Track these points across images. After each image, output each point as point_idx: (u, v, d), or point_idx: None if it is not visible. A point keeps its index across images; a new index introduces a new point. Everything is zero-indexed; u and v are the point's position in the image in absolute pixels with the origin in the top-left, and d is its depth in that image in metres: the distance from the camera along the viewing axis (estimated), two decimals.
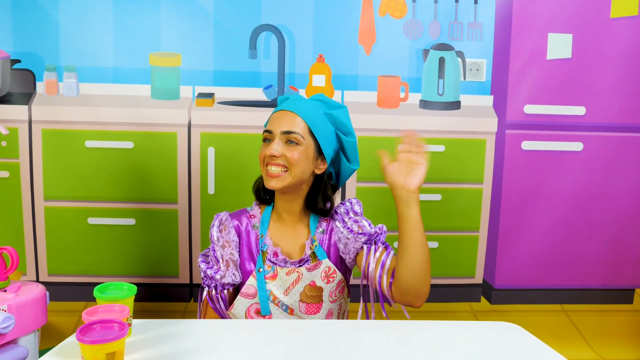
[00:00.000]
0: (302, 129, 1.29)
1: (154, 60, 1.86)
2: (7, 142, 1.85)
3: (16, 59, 1.84)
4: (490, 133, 1.95)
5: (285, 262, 1.32)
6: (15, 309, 1.12)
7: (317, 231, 1.35)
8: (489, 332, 1.15)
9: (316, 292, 1.31)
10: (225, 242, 1.32)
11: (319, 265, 1.31)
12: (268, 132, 1.30)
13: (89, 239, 1.90)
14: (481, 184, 1.96)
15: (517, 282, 2.02)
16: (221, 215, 1.36)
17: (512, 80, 1.92)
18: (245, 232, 1.35)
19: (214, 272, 1.30)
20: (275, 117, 1.31)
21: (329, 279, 1.31)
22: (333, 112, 1.33)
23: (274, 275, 1.31)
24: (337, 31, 1.88)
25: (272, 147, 1.27)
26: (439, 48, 1.91)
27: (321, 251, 1.32)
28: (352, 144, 1.36)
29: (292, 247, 1.34)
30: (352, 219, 1.34)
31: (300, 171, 1.29)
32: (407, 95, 1.93)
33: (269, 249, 1.33)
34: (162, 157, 1.88)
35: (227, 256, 1.32)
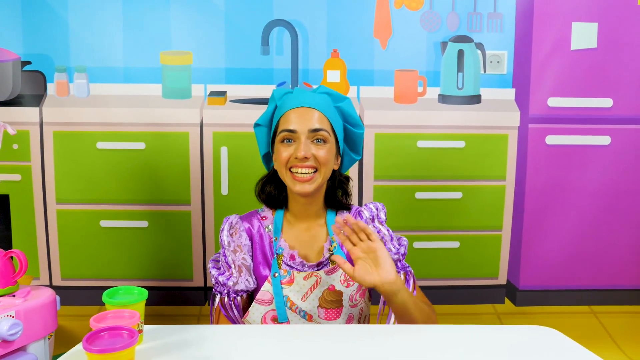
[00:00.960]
0: (326, 125, 1.24)
1: (165, 59, 1.83)
2: (18, 145, 1.84)
3: (27, 61, 1.83)
4: (512, 128, 1.89)
5: (303, 266, 1.26)
6: (24, 315, 1.09)
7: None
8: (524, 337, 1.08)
9: (336, 296, 1.25)
10: (237, 247, 1.26)
11: (338, 269, 1.25)
12: (290, 132, 1.22)
13: (102, 242, 1.88)
14: (504, 180, 1.90)
15: (543, 282, 1.95)
16: (231, 218, 1.29)
17: (535, 72, 1.87)
18: (258, 235, 1.29)
19: (226, 278, 1.25)
20: (296, 115, 1.23)
21: (349, 282, 1.25)
22: (341, 105, 1.28)
23: (290, 280, 1.25)
24: (351, 25, 1.84)
25: (302, 148, 1.19)
26: (457, 40, 1.85)
27: (340, 253, 1.25)
28: (361, 135, 1.31)
29: (310, 250, 1.28)
30: (377, 228, 1.29)
31: (329, 170, 1.25)
32: (425, 89, 1.88)
33: (285, 252, 1.27)
34: (174, 158, 1.85)
35: (239, 261, 1.26)
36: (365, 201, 1.89)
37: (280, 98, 1.29)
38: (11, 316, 1.06)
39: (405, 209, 1.89)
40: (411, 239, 1.91)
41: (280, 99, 1.29)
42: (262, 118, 1.32)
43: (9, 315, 1.06)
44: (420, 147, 1.87)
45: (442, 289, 1.94)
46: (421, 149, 1.87)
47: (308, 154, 1.20)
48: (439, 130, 1.87)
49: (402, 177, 1.88)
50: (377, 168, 1.87)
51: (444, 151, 1.88)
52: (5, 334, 1.03)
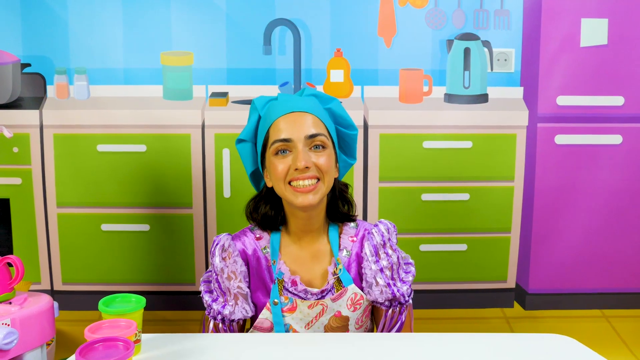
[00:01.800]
0: (323, 129, 1.12)
1: (166, 59, 1.81)
2: (19, 149, 1.82)
3: (26, 63, 1.81)
4: (520, 127, 1.85)
5: (306, 293, 1.15)
6: (19, 323, 1.06)
7: (341, 252, 1.18)
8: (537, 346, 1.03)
9: (342, 322, 1.16)
10: (231, 273, 1.14)
11: (345, 293, 1.15)
12: (284, 142, 1.09)
13: (103, 246, 1.86)
14: (512, 181, 1.87)
15: (553, 286, 1.92)
16: (222, 240, 1.15)
17: (543, 70, 1.83)
18: (254, 258, 1.17)
19: (220, 306, 1.15)
20: (288, 121, 1.10)
21: (356, 306, 1.16)
22: (330, 106, 1.17)
23: (292, 308, 1.14)
24: (355, 23, 1.81)
25: (301, 158, 1.07)
26: (463, 38, 1.82)
27: (347, 276, 1.15)
28: (354, 137, 1.20)
29: (312, 274, 1.17)
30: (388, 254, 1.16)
31: (332, 178, 1.13)
32: (430, 89, 1.84)
33: (286, 277, 1.15)
34: (175, 160, 1.83)
35: (234, 289, 1.14)
36: (371, 204, 1.86)
37: (263, 107, 1.16)
38: (6, 324, 1.04)
39: (411, 211, 1.86)
40: (417, 242, 1.87)
41: (263, 108, 1.16)
42: (244, 132, 1.18)
43: (5, 323, 1.03)
44: (426, 148, 1.84)
45: (449, 292, 1.90)
46: (427, 149, 1.84)
47: (309, 162, 1.08)
48: (445, 131, 1.84)
49: (407, 178, 1.85)
50: (382, 169, 1.84)
51: (450, 152, 1.84)
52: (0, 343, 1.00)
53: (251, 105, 1.19)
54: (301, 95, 1.18)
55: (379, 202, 1.85)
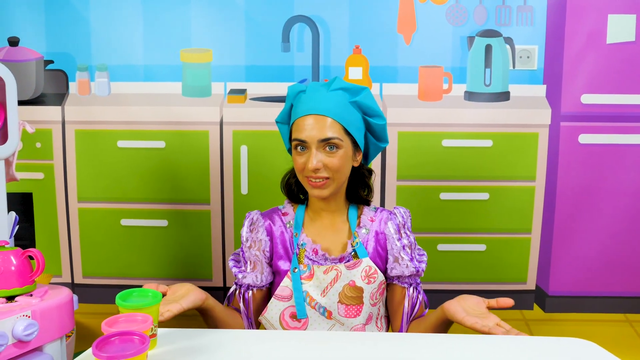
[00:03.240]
0: (338, 131, 1.22)
1: (185, 56, 1.82)
2: (41, 144, 1.85)
3: (49, 60, 1.84)
4: (543, 126, 1.81)
5: (325, 259, 1.26)
6: (40, 315, 1.08)
7: (360, 229, 1.29)
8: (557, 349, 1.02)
9: (356, 292, 1.24)
10: (252, 242, 1.29)
11: (359, 264, 1.25)
12: (300, 141, 1.22)
13: (123, 241, 1.88)
14: (533, 181, 1.83)
15: (574, 288, 1.87)
16: (252, 214, 1.32)
17: (568, 68, 1.78)
18: (278, 232, 1.31)
19: (238, 271, 1.31)
20: (304, 125, 1.21)
21: (370, 279, 1.25)
22: (358, 99, 1.24)
23: (310, 275, 1.25)
24: (374, 20, 1.79)
25: (312, 161, 1.20)
26: (485, 35, 1.78)
27: (362, 249, 1.26)
28: (383, 126, 1.28)
29: (332, 244, 1.28)
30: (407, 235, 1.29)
31: (343, 175, 1.25)
32: (450, 86, 1.81)
33: (308, 247, 1.27)
34: (194, 157, 1.84)
35: (252, 257, 1.29)
36: (388, 202, 1.84)
37: (294, 96, 1.28)
38: (27, 316, 1.06)
39: (429, 210, 1.83)
40: (435, 241, 1.85)
41: (294, 98, 1.28)
42: (280, 116, 1.33)
43: (25, 315, 1.06)
44: (446, 146, 1.81)
45: (467, 293, 1.87)
46: (446, 148, 1.81)
47: (318, 165, 1.21)
48: (465, 129, 1.81)
49: (426, 177, 1.83)
50: (400, 168, 1.82)
51: (470, 150, 1.81)
52: (20, 334, 1.02)
53: (287, 93, 1.30)
54: (329, 88, 1.24)
55: (397, 200, 1.84)
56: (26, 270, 1.13)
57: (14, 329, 1.02)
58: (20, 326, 1.02)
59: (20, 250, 1.14)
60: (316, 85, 1.26)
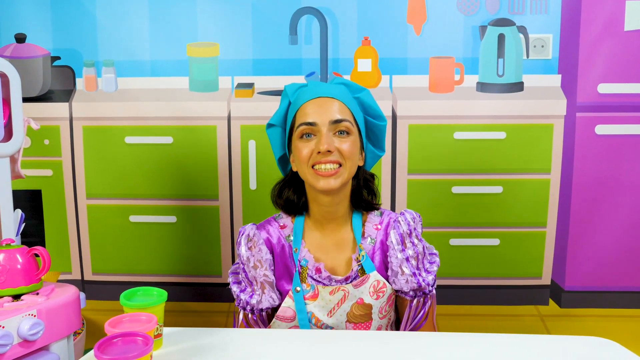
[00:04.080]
0: (349, 116, 1.14)
1: (192, 51, 1.80)
2: (49, 141, 1.85)
3: (56, 56, 1.83)
4: (558, 117, 1.76)
5: (330, 280, 1.16)
6: (46, 314, 1.07)
7: (365, 240, 1.19)
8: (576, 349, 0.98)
9: (365, 310, 1.15)
10: (257, 262, 1.16)
11: (367, 280, 1.15)
12: (309, 125, 1.12)
13: (132, 237, 1.87)
14: (548, 174, 1.78)
15: (591, 283, 1.83)
16: (247, 230, 1.18)
17: (583, 57, 1.73)
18: (279, 247, 1.19)
19: (248, 296, 1.17)
20: (314, 106, 1.13)
21: (379, 294, 1.15)
22: (360, 95, 1.18)
23: (314, 295, 1.15)
24: (383, 10, 1.75)
25: (324, 141, 1.09)
26: (497, 24, 1.74)
27: (369, 263, 1.16)
28: (383, 127, 1.21)
29: (336, 261, 1.18)
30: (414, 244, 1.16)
31: (354, 165, 1.15)
32: (462, 77, 1.77)
33: (310, 265, 1.16)
34: (202, 152, 1.82)
35: (261, 278, 1.16)
36: (399, 197, 1.81)
37: (293, 93, 1.19)
38: (33, 315, 1.05)
39: (441, 204, 1.80)
40: (448, 236, 1.82)
41: (293, 94, 1.19)
42: (275, 117, 1.22)
43: (31, 314, 1.05)
44: (458, 139, 1.77)
45: (481, 288, 1.84)
46: (458, 140, 1.77)
47: (331, 146, 1.10)
48: (478, 121, 1.77)
49: (438, 170, 1.79)
50: (411, 161, 1.79)
51: (483, 143, 1.77)
52: (26, 333, 1.01)
53: (283, 92, 1.21)
54: (331, 83, 1.19)
55: (408, 194, 1.80)
56: (32, 268, 1.11)
57: (19, 329, 1.01)
58: (26, 325, 1.01)
59: (26, 248, 1.13)
60: (317, 81, 1.21)
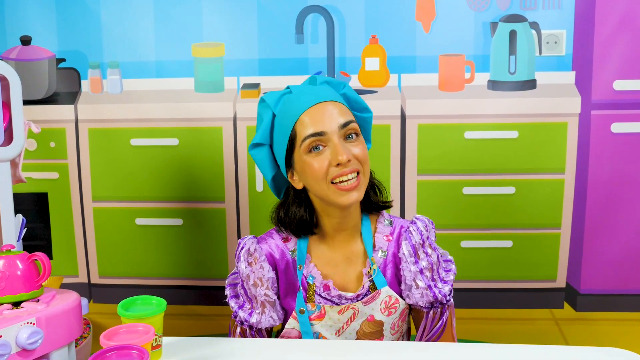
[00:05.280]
0: (351, 115, 1.07)
1: (197, 51, 1.78)
2: (55, 143, 1.84)
3: (61, 58, 1.82)
4: (572, 115, 1.71)
5: (340, 298, 1.08)
6: (45, 322, 1.05)
7: (376, 252, 1.11)
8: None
9: (376, 327, 1.09)
10: (258, 280, 1.08)
11: (378, 296, 1.09)
12: (317, 136, 1.01)
13: (138, 240, 1.85)
14: (562, 173, 1.74)
15: (607, 286, 1.78)
16: (247, 243, 1.10)
17: (598, 53, 1.69)
18: (282, 262, 1.11)
19: (247, 314, 1.11)
20: (316, 114, 1.03)
21: (390, 310, 1.09)
22: (345, 92, 1.10)
23: (320, 315, 1.08)
24: (391, 8, 1.72)
25: (341, 151, 1.00)
26: (509, 20, 1.69)
27: (381, 278, 1.09)
28: (370, 119, 1.13)
29: (347, 277, 1.10)
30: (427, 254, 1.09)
31: (369, 169, 1.08)
32: (472, 75, 1.73)
33: (317, 282, 1.09)
34: (207, 154, 1.80)
35: (261, 297, 1.09)
36: (408, 199, 1.77)
37: (276, 103, 1.08)
38: (32, 323, 1.03)
39: (452, 205, 1.76)
40: (459, 238, 1.78)
41: (277, 105, 1.08)
42: (259, 135, 1.09)
43: (30, 322, 1.03)
44: (468, 139, 1.73)
45: (493, 291, 1.80)
46: (469, 140, 1.73)
47: (350, 155, 1.01)
48: (489, 120, 1.73)
49: (448, 171, 1.75)
50: (420, 162, 1.75)
51: (494, 142, 1.73)
52: (24, 343, 0.99)
53: (260, 104, 1.10)
54: (315, 85, 1.10)
55: (417, 196, 1.77)
56: (32, 274, 1.09)
57: (17, 338, 0.99)
58: (24, 334, 0.98)
59: (27, 254, 1.11)
60: (299, 86, 1.11)
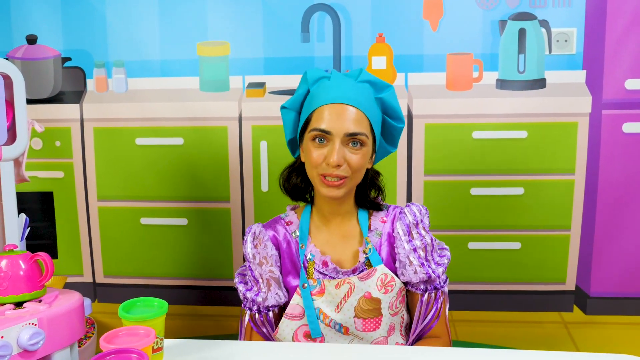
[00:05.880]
0: (365, 127, 1.12)
1: (202, 50, 1.76)
2: (60, 142, 1.84)
3: (67, 57, 1.81)
4: (583, 114, 1.69)
5: (337, 273, 1.16)
6: (47, 323, 1.04)
7: (372, 233, 1.19)
8: None
9: (373, 304, 1.14)
10: (263, 259, 1.17)
11: (373, 273, 1.14)
12: (323, 132, 1.10)
13: (143, 240, 1.85)
14: (572, 174, 1.71)
15: (618, 289, 1.76)
16: (253, 228, 1.20)
17: (610, 51, 1.66)
18: (285, 243, 1.20)
19: (254, 294, 1.17)
20: (332, 113, 1.10)
21: (387, 288, 1.14)
22: (383, 96, 1.16)
23: (321, 291, 1.15)
24: (398, 6, 1.70)
25: (334, 155, 1.09)
26: (518, 18, 1.67)
27: (376, 257, 1.15)
28: (401, 129, 1.20)
29: (343, 254, 1.18)
30: (421, 235, 1.16)
31: (361, 175, 1.15)
32: (481, 74, 1.71)
33: (317, 259, 1.17)
34: (213, 153, 1.79)
35: (266, 274, 1.17)
36: (415, 199, 1.75)
37: (314, 82, 1.16)
38: (33, 324, 1.02)
39: (459, 206, 1.74)
40: (466, 239, 1.75)
41: (314, 84, 1.16)
42: (290, 101, 1.20)
43: (32, 323, 1.02)
44: (476, 139, 1.71)
45: (501, 294, 1.78)
46: (477, 140, 1.71)
47: (341, 161, 1.10)
48: (498, 120, 1.70)
49: (455, 171, 1.73)
50: (427, 162, 1.73)
51: (503, 142, 1.71)
52: (25, 344, 0.98)
53: (303, 76, 1.18)
54: (356, 79, 1.15)
55: (424, 196, 1.74)
56: (35, 274, 1.09)
57: (18, 338, 0.98)
58: (25, 335, 0.98)
59: (29, 254, 1.10)
60: (341, 74, 1.17)
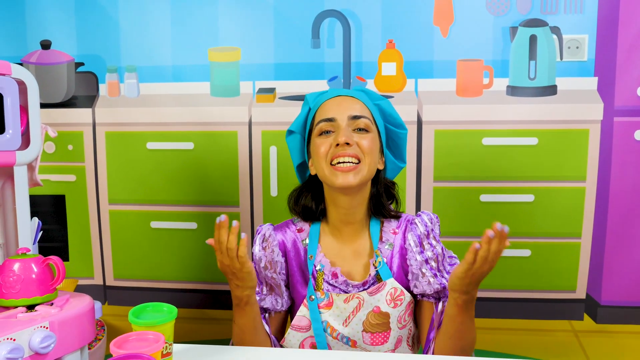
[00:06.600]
0: (368, 114, 1.14)
1: (213, 55, 1.78)
2: (73, 146, 1.85)
3: (80, 62, 1.83)
4: (594, 122, 1.67)
5: (347, 285, 1.13)
6: (58, 326, 1.05)
7: (383, 244, 1.16)
8: None
9: (382, 318, 1.12)
10: (268, 263, 1.16)
11: (383, 287, 1.12)
12: (328, 121, 1.12)
13: (153, 244, 1.86)
14: (584, 182, 1.70)
15: (629, 298, 1.73)
16: (264, 229, 1.19)
17: (622, 58, 1.64)
18: (293, 249, 1.19)
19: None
20: (334, 103, 1.15)
21: (396, 302, 1.12)
22: (380, 103, 1.17)
23: (329, 304, 1.13)
24: (408, 12, 1.69)
25: (342, 134, 1.09)
26: (529, 24, 1.66)
27: (386, 270, 1.13)
28: (404, 136, 1.20)
29: (354, 267, 1.16)
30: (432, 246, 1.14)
31: (374, 163, 1.13)
32: (491, 81, 1.70)
33: (326, 269, 1.15)
34: (222, 158, 1.80)
35: (269, 280, 1.16)
36: (424, 205, 1.74)
37: (314, 100, 1.20)
38: (45, 327, 1.03)
39: (468, 213, 1.73)
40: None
41: (314, 100, 1.20)
42: (295, 124, 1.22)
43: (43, 326, 1.03)
44: (486, 145, 1.70)
45: (511, 301, 1.76)
46: (487, 146, 1.70)
47: (350, 139, 1.09)
48: (508, 126, 1.69)
49: (465, 177, 1.72)
50: (437, 168, 1.72)
51: (513, 149, 1.70)
52: (37, 347, 0.99)
53: (304, 101, 1.22)
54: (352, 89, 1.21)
55: (434, 203, 1.74)
56: (47, 278, 1.10)
57: (30, 341, 0.99)
58: (37, 338, 0.99)
59: (42, 258, 1.12)
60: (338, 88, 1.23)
